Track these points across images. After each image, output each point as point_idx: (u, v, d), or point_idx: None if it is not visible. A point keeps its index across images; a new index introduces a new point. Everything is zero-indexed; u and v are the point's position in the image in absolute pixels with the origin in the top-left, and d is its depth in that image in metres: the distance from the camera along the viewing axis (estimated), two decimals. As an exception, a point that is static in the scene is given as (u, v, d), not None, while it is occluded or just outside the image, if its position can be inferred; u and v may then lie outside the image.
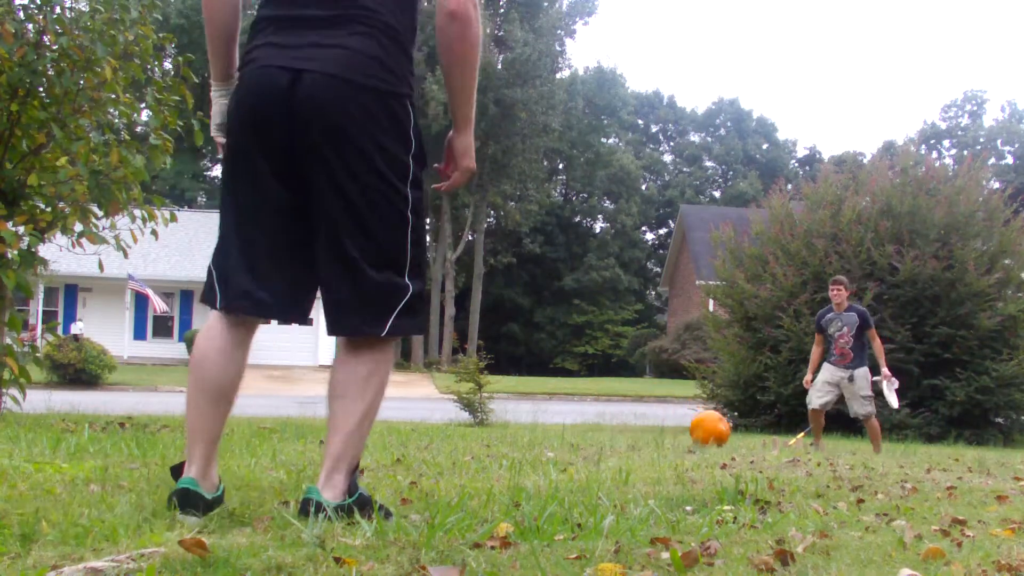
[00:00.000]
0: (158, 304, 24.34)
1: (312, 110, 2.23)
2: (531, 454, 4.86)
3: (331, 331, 2.39)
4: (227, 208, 2.39)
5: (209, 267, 2.41)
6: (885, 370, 8.26)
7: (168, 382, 21.28)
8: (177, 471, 2.40)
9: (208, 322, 2.40)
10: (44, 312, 27.28)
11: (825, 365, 8.42)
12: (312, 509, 2.17)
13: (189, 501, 2.21)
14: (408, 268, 2.35)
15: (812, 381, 8.50)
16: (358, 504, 2.25)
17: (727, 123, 58.54)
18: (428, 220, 42.83)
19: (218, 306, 2.35)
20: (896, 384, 8.36)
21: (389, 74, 2.30)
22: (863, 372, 8.20)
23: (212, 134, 2.56)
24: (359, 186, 2.26)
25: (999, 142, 52.25)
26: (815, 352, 8.56)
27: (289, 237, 2.33)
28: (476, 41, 2.37)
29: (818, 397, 8.40)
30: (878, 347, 8.31)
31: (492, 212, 43.27)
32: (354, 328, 2.34)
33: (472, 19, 2.34)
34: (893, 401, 8.36)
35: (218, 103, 2.48)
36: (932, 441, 10.93)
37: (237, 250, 2.34)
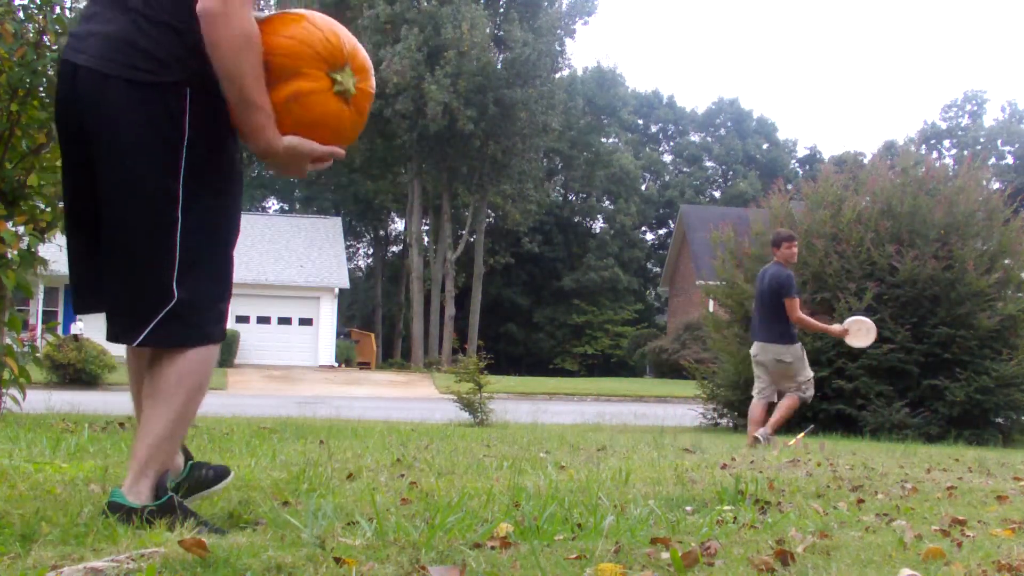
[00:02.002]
0: None
1: (77, 104, 2.16)
2: (531, 454, 4.86)
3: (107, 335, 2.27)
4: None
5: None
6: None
7: (168, 382, 21.24)
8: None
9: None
10: (44, 312, 27.27)
11: (799, 346, 8.26)
12: (112, 513, 2.09)
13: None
14: (177, 273, 2.15)
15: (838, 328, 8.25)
16: (164, 508, 2.12)
17: (727, 123, 58.53)
18: (427, 221, 42.84)
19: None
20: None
21: (148, 61, 2.11)
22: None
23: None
24: (113, 183, 2.13)
25: (999, 142, 52.27)
26: (807, 315, 8.26)
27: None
28: (230, 43, 2.07)
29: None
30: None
31: (491, 212, 43.26)
32: (113, 335, 2.22)
33: (217, 16, 2.05)
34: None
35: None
36: (932, 441, 10.92)
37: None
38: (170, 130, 2.13)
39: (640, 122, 58.12)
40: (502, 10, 38.72)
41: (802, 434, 9.21)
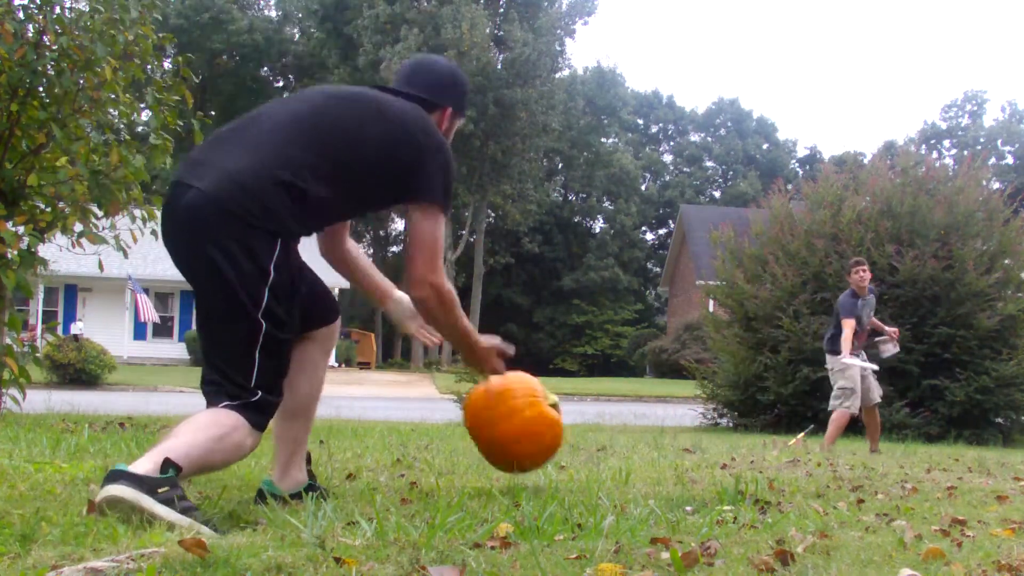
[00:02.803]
0: (149, 313, 24.29)
1: (185, 219, 2.43)
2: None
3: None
4: None
5: None
6: (895, 331, 7.99)
7: (168, 382, 21.27)
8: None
9: None
10: (44, 312, 27.27)
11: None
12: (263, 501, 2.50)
13: (260, 498, 2.65)
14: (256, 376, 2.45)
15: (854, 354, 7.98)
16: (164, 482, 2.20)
17: (727, 123, 58.52)
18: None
19: None
20: (897, 348, 8.05)
21: (255, 206, 2.39)
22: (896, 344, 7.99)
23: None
24: (209, 297, 2.47)
25: (999, 142, 52.26)
26: (851, 337, 7.86)
27: None
28: (445, 312, 2.75)
29: (863, 400, 8.00)
30: (895, 331, 8.08)
31: (491, 212, 43.27)
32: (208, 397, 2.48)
33: (430, 299, 2.69)
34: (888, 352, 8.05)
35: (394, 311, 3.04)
36: (932, 441, 10.92)
37: None
38: (260, 269, 2.51)
39: (640, 122, 58.10)
40: (502, 10, 38.72)
41: (802, 434, 9.21)
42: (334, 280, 36.65)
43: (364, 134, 2.54)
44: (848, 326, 7.94)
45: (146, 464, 2.20)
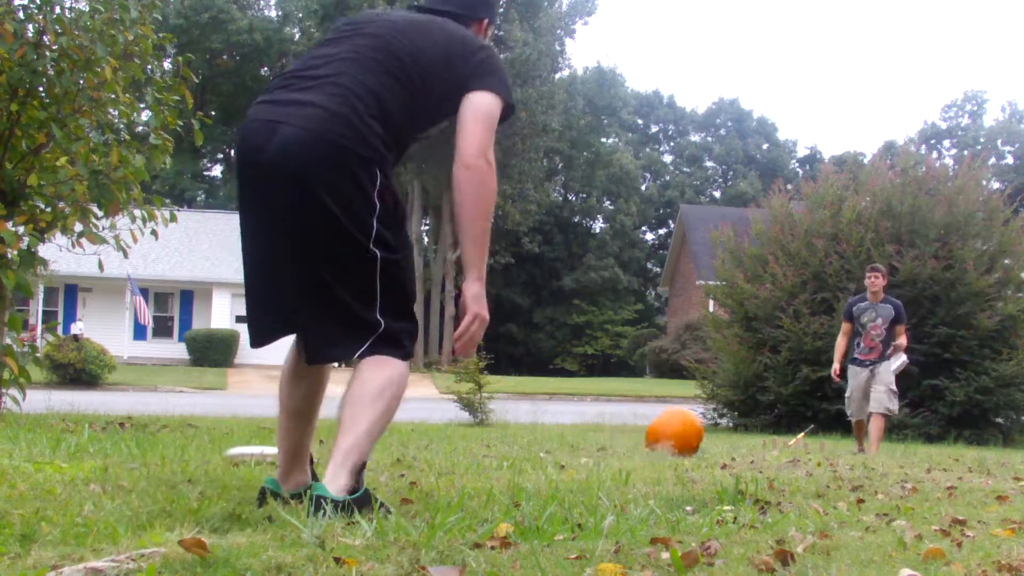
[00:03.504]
0: (144, 316, 24.35)
1: (283, 159, 2.37)
2: (531, 454, 4.86)
3: (311, 359, 2.55)
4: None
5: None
6: (903, 342, 7.79)
7: (168, 382, 21.27)
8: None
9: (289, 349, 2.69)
10: (44, 312, 27.28)
11: (852, 370, 7.96)
12: (315, 505, 2.26)
13: (262, 497, 2.56)
14: (380, 306, 2.46)
15: (840, 372, 8.01)
16: (360, 501, 2.32)
17: (727, 123, 58.53)
18: (427, 221, 42.90)
19: (251, 344, 2.66)
20: (904, 360, 7.93)
21: (355, 133, 2.40)
22: (887, 365, 7.80)
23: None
24: (316, 235, 2.42)
25: (999, 142, 52.28)
26: (841, 342, 8.03)
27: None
28: (490, 195, 2.52)
29: (859, 409, 7.94)
30: (905, 339, 7.88)
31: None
32: (331, 355, 2.53)
33: (485, 173, 2.49)
34: (896, 366, 7.93)
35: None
36: (932, 441, 10.92)
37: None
38: (368, 200, 2.48)
39: (640, 122, 58.11)
40: (502, 10, 38.71)
41: (802, 434, 9.22)
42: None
43: (428, 53, 2.57)
44: (841, 330, 8.07)
45: (341, 479, 2.30)
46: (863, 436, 8.00)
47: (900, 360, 7.83)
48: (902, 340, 7.83)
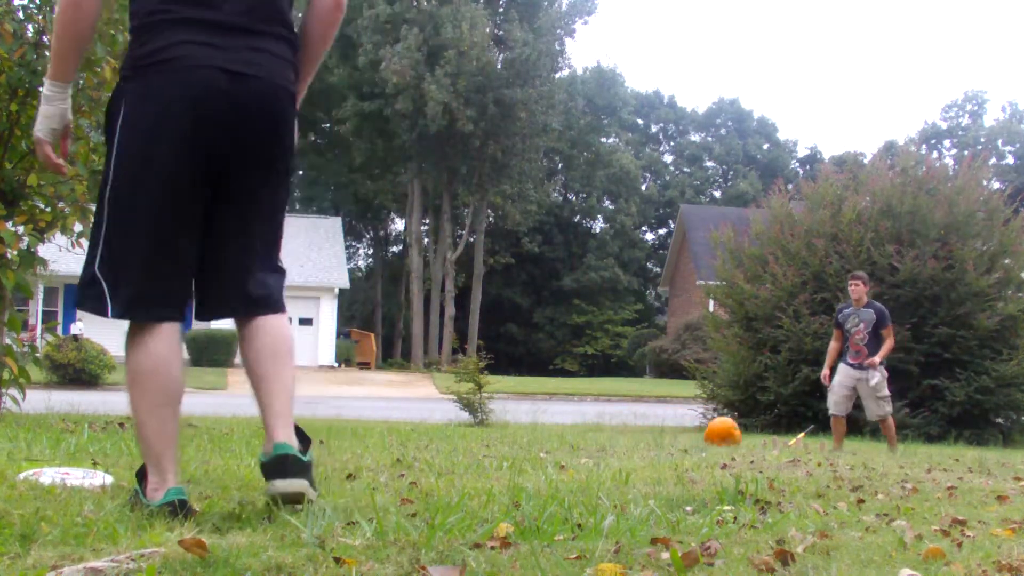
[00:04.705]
0: None
1: (255, 113, 2.33)
2: (531, 454, 4.86)
3: (244, 312, 2.43)
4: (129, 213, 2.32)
5: (97, 276, 2.36)
6: (875, 359, 8.03)
7: (168, 382, 21.24)
8: (144, 476, 2.38)
9: (151, 329, 2.36)
10: (44, 312, 27.28)
11: (841, 367, 8.22)
12: (286, 463, 2.26)
13: (186, 507, 2.26)
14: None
15: (829, 376, 8.30)
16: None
17: (727, 123, 58.52)
18: (426, 221, 42.88)
19: (150, 317, 2.36)
20: (881, 375, 8.12)
21: (294, 75, 2.48)
22: (881, 371, 8.08)
23: (44, 136, 2.43)
24: (276, 184, 2.45)
25: (1000, 142, 52.25)
26: (832, 347, 8.34)
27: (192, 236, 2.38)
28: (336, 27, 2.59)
29: (837, 403, 8.21)
30: (887, 346, 8.10)
31: (491, 212, 43.26)
32: (269, 307, 2.45)
33: (344, 8, 2.56)
34: (874, 383, 8.17)
35: (58, 106, 2.44)
36: (932, 441, 10.92)
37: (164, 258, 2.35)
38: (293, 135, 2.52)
39: (640, 122, 58.09)
40: (502, 10, 38.71)
41: (802, 434, 9.22)
42: (335, 280, 36.38)
43: None
44: (833, 337, 8.49)
45: (293, 438, 2.32)
46: (841, 434, 8.34)
47: (876, 378, 8.11)
48: (876, 359, 8.07)
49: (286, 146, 2.43)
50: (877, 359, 8.05)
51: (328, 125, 45.12)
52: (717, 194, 56.23)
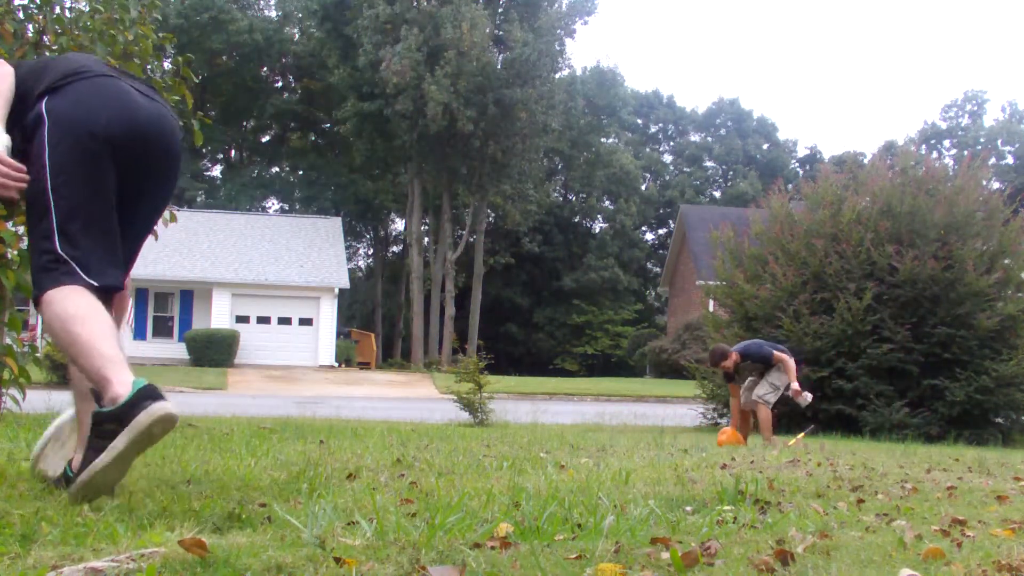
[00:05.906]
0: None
1: (166, 136, 2.81)
2: (531, 454, 4.86)
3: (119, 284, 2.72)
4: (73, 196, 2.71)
5: (59, 253, 2.61)
6: (795, 386, 8.67)
7: (168, 382, 21.25)
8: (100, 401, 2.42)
9: (68, 290, 2.55)
10: (44, 312, 27.22)
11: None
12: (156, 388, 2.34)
13: (158, 391, 2.35)
14: None
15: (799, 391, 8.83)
16: None
17: (727, 123, 58.53)
18: (426, 221, 42.88)
19: (95, 283, 2.61)
20: (808, 397, 8.87)
21: None
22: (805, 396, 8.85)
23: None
24: (164, 196, 3.01)
25: (999, 142, 52.27)
26: (733, 403, 9.30)
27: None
28: None
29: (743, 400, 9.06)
30: (789, 368, 8.77)
31: (491, 212, 43.27)
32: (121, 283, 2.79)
33: None
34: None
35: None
36: (932, 441, 10.91)
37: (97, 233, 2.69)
38: None
39: (640, 122, 58.11)
40: (502, 10, 38.72)
41: (802, 434, 9.22)
42: (335, 280, 36.38)
43: None
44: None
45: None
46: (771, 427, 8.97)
47: (807, 398, 8.85)
48: (795, 386, 8.69)
49: (175, 164, 3.04)
50: (795, 385, 8.67)
51: (328, 125, 45.16)
52: (717, 194, 56.24)
